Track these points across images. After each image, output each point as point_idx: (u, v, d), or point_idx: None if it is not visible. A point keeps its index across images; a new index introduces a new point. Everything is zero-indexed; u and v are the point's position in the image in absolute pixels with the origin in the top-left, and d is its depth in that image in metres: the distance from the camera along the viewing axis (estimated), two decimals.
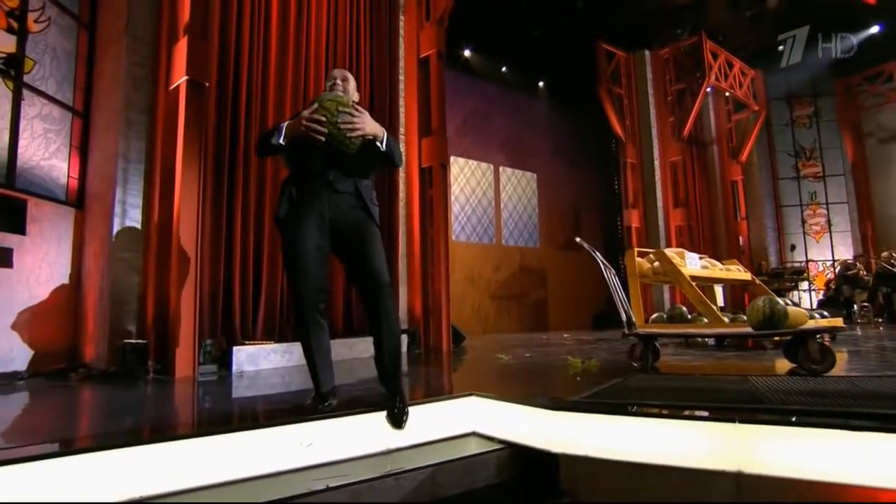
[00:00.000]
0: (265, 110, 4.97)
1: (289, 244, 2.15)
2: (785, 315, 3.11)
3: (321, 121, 2.07)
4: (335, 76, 2.38)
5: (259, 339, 4.51)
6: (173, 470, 1.92)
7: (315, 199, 2.17)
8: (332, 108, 2.10)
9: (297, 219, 2.16)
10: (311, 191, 2.18)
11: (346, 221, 2.20)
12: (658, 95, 11.27)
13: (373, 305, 2.22)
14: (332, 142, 2.10)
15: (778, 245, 13.14)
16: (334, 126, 2.08)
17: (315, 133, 2.07)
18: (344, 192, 2.21)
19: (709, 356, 4.68)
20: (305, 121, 2.08)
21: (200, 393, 3.35)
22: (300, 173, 2.22)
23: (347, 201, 2.22)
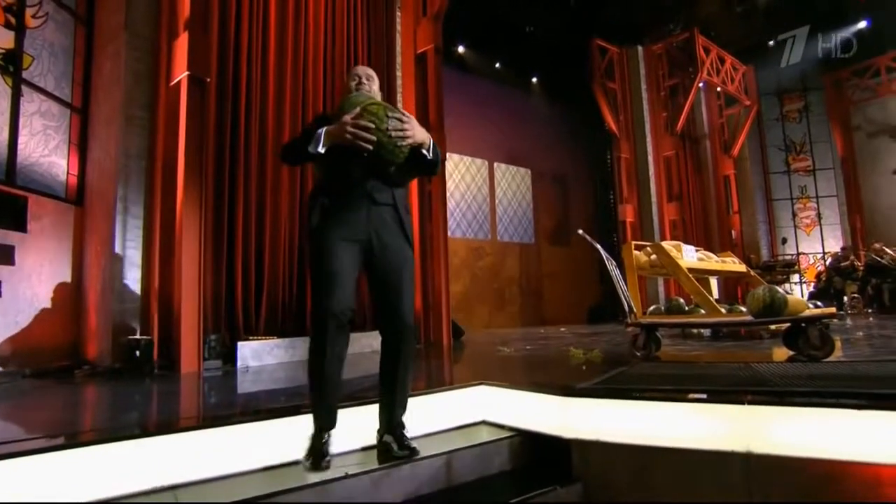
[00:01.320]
0: (265, 105, 4.97)
1: (320, 256, 1.89)
2: (785, 303, 3.18)
3: (370, 128, 1.81)
4: (359, 74, 2.14)
5: (262, 334, 4.52)
6: (198, 459, 1.94)
7: (353, 212, 1.93)
8: (381, 114, 1.84)
9: (332, 230, 1.92)
10: (347, 202, 1.94)
11: (384, 244, 1.95)
12: (651, 90, 11.36)
13: (394, 350, 1.99)
14: (380, 151, 1.85)
15: (769, 238, 13.30)
16: (384, 133, 1.83)
17: (363, 142, 1.82)
18: (383, 204, 1.98)
19: (707, 346, 4.76)
20: (351, 127, 1.81)
21: (206, 388, 3.37)
22: (336, 183, 1.95)
23: (386, 214, 1.98)
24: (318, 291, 1.89)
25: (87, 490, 1.71)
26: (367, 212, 1.93)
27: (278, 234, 4.87)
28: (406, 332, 1.98)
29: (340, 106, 1.97)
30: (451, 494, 2.15)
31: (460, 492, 2.18)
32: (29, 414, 2.75)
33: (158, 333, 3.99)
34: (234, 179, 4.69)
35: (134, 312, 4.16)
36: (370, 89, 2.10)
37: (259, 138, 4.88)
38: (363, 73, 2.15)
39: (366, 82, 2.11)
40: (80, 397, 3.12)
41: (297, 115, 5.19)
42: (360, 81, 2.11)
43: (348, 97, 2.00)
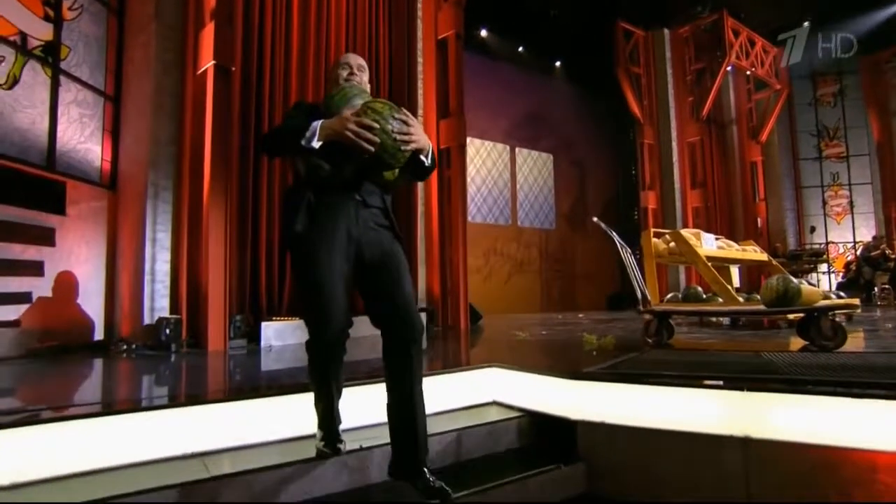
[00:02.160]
0: (287, 93, 5.08)
1: (309, 268, 1.70)
2: (798, 293, 3.19)
3: (374, 128, 1.64)
4: (350, 63, 1.94)
5: (284, 314, 4.69)
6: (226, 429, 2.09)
7: (341, 215, 1.74)
8: (386, 114, 1.67)
9: (321, 237, 1.71)
10: (335, 204, 1.75)
11: (374, 244, 1.77)
12: (677, 75, 11.14)
13: (401, 355, 1.74)
14: (381, 153, 1.67)
15: (797, 227, 13.01)
16: (388, 135, 1.66)
17: (365, 142, 1.63)
18: (373, 207, 1.81)
19: (723, 335, 4.76)
20: (354, 125, 1.63)
21: (232, 365, 3.54)
22: (324, 182, 1.76)
23: (376, 219, 1.82)
24: (311, 310, 1.72)
25: (127, 452, 1.88)
26: (356, 215, 1.76)
27: None
28: (415, 332, 1.76)
29: (332, 97, 1.81)
30: (460, 469, 2.27)
31: (469, 467, 2.30)
32: (73, 386, 2.96)
33: (187, 313, 4.19)
34: (258, 165, 4.83)
35: (164, 293, 4.36)
36: (361, 80, 1.92)
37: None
38: (354, 62, 1.95)
39: (357, 73, 1.92)
40: (117, 372, 3.33)
41: (318, 100, 5.31)
42: (351, 71, 1.92)
43: (342, 89, 1.84)
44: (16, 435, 1.73)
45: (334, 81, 1.92)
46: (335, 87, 1.88)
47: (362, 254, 1.75)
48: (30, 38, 4.15)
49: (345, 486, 1.99)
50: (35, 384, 2.98)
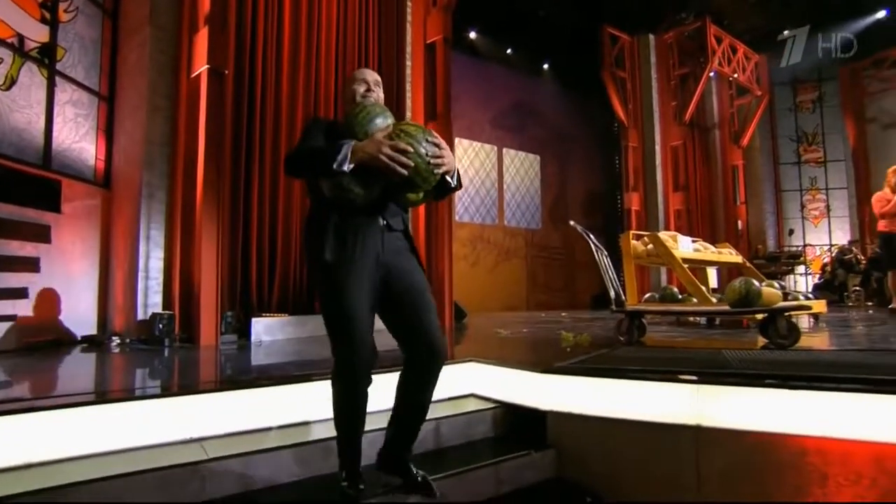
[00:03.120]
0: (279, 96, 5.23)
1: (340, 297, 1.67)
2: (759, 294, 3.41)
3: (408, 151, 1.62)
4: (367, 80, 1.91)
5: (274, 311, 4.85)
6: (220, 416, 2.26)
7: (369, 240, 1.73)
8: (419, 137, 1.66)
9: (351, 265, 1.69)
10: (362, 228, 1.73)
11: (401, 271, 1.77)
12: (661, 80, 11.39)
13: (423, 377, 1.80)
14: (415, 177, 1.65)
15: (777, 229, 13.35)
16: (422, 159, 1.64)
17: (400, 166, 1.61)
18: (396, 230, 1.81)
19: (696, 333, 4.99)
20: (388, 149, 1.60)
21: (223, 359, 3.70)
22: (349, 205, 1.71)
23: (399, 241, 1.82)
24: (341, 340, 1.70)
25: (129, 437, 2.04)
26: (381, 239, 1.75)
27: (291, 216, 5.17)
28: (440, 360, 1.78)
29: (354, 116, 1.75)
30: (439, 455, 2.46)
31: (447, 453, 2.49)
32: (71, 376, 3.10)
33: (180, 309, 4.33)
34: (250, 165, 4.97)
35: (157, 289, 4.50)
36: (378, 97, 1.90)
37: (273, 127, 5.15)
38: (371, 77, 1.92)
39: (374, 89, 1.90)
40: (113, 364, 3.47)
41: (308, 106, 5.44)
42: (368, 88, 1.89)
43: (364, 107, 1.78)
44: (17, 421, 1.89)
45: (350, 98, 1.88)
46: (355, 105, 1.82)
47: (389, 280, 1.75)
48: (27, 39, 4.26)
49: (334, 468, 2.17)
50: (33, 375, 3.11)
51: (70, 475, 1.73)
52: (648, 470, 2.33)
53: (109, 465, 1.84)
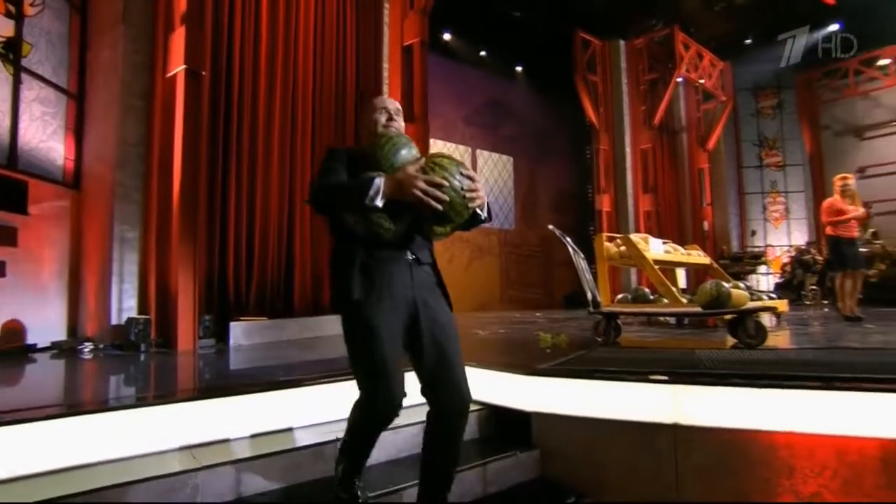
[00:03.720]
0: (256, 98, 5.17)
1: (369, 337, 1.60)
2: (728, 296, 3.57)
3: (443, 186, 1.55)
4: (389, 109, 1.84)
5: (252, 314, 4.81)
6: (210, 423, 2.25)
7: (398, 276, 1.65)
8: (453, 170, 1.60)
9: (379, 303, 1.61)
10: (390, 263, 1.66)
11: (431, 310, 1.69)
12: (631, 84, 11.67)
13: (447, 428, 1.69)
14: (449, 212, 1.58)
15: (740, 230, 13.84)
16: (457, 193, 1.57)
17: (435, 201, 1.53)
18: (425, 265, 1.74)
19: (667, 333, 5.17)
20: (423, 183, 1.53)
21: (202, 364, 3.66)
22: (376, 239, 1.64)
23: (429, 278, 1.75)
24: (370, 383, 1.63)
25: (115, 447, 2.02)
26: (410, 274, 1.68)
27: (268, 218, 5.13)
28: (465, 408, 1.69)
29: (380, 147, 1.68)
30: None
31: None
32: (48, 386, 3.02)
33: (156, 313, 4.25)
34: (227, 166, 4.91)
35: (132, 293, 4.40)
36: (399, 126, 1.84)
37: (251, 127, 5.10)
38: (392, 106, 1.85)
39: (396, 118, 1.83)
40: (87, 372, 3.40)
41: (286, 106, 5.40)
42: (390, 117, 1.82)
43: (389, 138, 1.71)
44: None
45: (371, 127, 1.82)
46: (380, 136, 1.73)
47: (418, 319, 1.66)
48: None
49: (326, 473, 2.20)
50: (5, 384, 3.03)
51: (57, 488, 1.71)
52: (629, 468, 2.42)
53: (97, 476, 1.82)
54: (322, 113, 5.74)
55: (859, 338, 4.38)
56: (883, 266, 9.81)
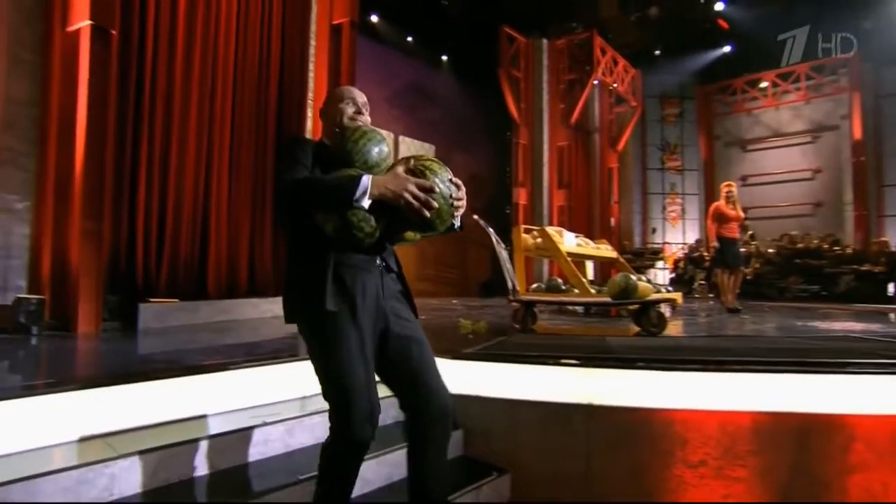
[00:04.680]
0: (172, 64, 4.82)
1: (340, 353, 1.47)
2: (635, 288, 3.89)
3: (434, 192, 1.44)
4: (356, 100, 1.73)
5: (163, 295, 4.53)
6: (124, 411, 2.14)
7: (370, 284, 1.54)
8: (443, 176, 1.50)
9: (351, 315, 1.49)
10: (360, 270, 1.54)
11: (400, 317, 1.60)
12: (552, 83, 12.12)
13: (432, 435, 1.58)
14: (434, 220, 1.48)
15: (642, 228, 14.92)
16: (445, 200, 1.48)
17: (426, 207, 1.43)
18: (393, 272, 1.66)
19: (578, 321, 5.52)
20: (414, 186, 1.42)
21: (113, 347, 3.42)
22: (348, 244, 1.49)
23: (397, 286, 1.66)
24: (341, 412, 1.47)
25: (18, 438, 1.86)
26: (381, 283, 1.58)
27: (182, 194, 4.81)
28: (450, 410, 1.60)
29: (354, 141, 1.57)
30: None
31: None
32: None
33: (51, 293, 3.89)
34: (138, 137, 4.55)
35: (20, 270, 3.99)
36: (367, 121, 1.72)
37: (166, 96, 4.75)
38: (360, 98, 1.74)
39: (364, 111, 1.72)
40: None
41: (206, 76, 5.08)
42: (358, 110, 1.70)
43: (363, 132, 1.60)
44: None
45: (336, 118, 1.68)
46: (354, 129, 1.61)
47: (388, 331, 1.56)
48: None
49: (251, 457, 2.17)
50: None
51: None
52: (546, 444, 2.61)
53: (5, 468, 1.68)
54: (244, 85, 5.46)
55: (737, 327, 4.96)
56: (758, 265, 11.06)
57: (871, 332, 4.49)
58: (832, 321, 5.52)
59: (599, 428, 2.54)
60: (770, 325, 5.23)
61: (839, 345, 3.57)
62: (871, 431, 2.46)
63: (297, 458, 2.32)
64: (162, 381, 2.33)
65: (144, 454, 1.88)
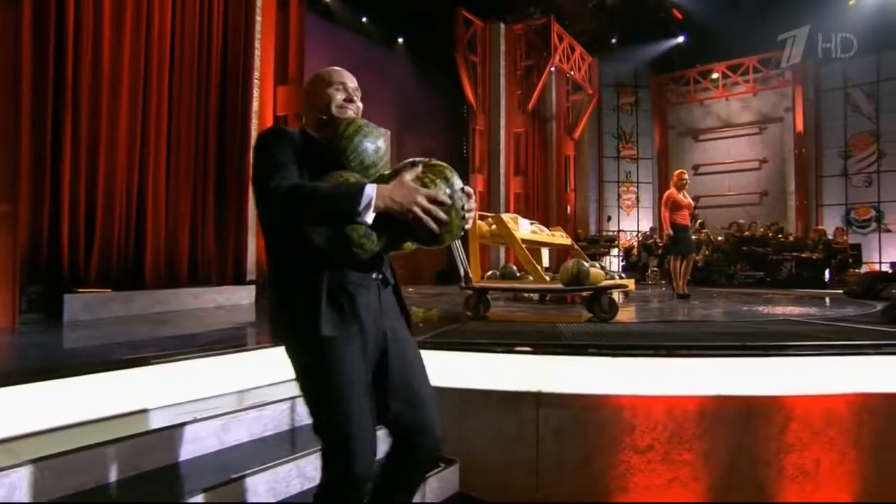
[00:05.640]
0: (100, 36, 4.44)
1: (344, 387, 1.32)
2: (587, 274, 3.88)
3: (446, 204, 1.27)
4: (347, 85, 1.52)
5: (93, 286, 4.22)
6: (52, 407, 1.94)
7: (369, 302, 1.39)
8: (457, 186, 1.31)
9: (349, 338, 1.34)
10: (357, 286, 1.37)
11: (399, 339, 1.46)
12: (509, 68, 12.05)
13: (413, 467, 1.48)
14: (444, 234, 1.30)
15: (598, 215, 15.17)
16: (458, 213, 1.30)
17: (437, 222, 1.25)
18: (390, 285, 1.50)
19: (531, 308, 5.52)
20: (425, 199, 1.24)
21: (32, 341, 3.15)
22: (344, 258, 1.32)
23: (391, 298, 1.50)
24: (337, 447, 1.33)
25: None
26: (379, 299, 1.43)
27: (114, 176, 4.47)
28: (436, 448, 1.47)
29: (346, 136, 1.37)
30: (296, 432, 2.44)
31: (305, 430, 2.47)
32: None
33: None
34: (60, 113, 4.16)
35: None
36: (359, 108, 1.53)
37: (92, 70, 4.39)
38: (351, 83, 1.54)
39: (355, 98, 1.52)
40: None
41: (138, 50, 4.71)
42: (348, 97, 1.50)
43: (359, 127, 1.40)
44: None
45: (323, 105, 1.47)
46: (344, 121, 1.42)
47: (387, 353, 1.42)
48: None
49: (180, 457, 2.02)
50: None
51: None
52: (496, 432, 2.55)
53: None
54: (182, 61, 5.12)
55: (687, 312, 5.07)
56: (707, 252, 11.43)
57: (809, 315, 4.67)
58: (774, 306, 5.72)
59: (549, 415, 2.50)
60: (718, 310, 5.37)
61: (780, 328, 3.67)
62: (806, 411, 2.53)
63: (231, 455, 2.19)
64: (82, 378, 2.13)
65: (50, 460, 1.70)
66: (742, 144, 14.12)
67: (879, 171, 12.50)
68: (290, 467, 2.15)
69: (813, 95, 13.09)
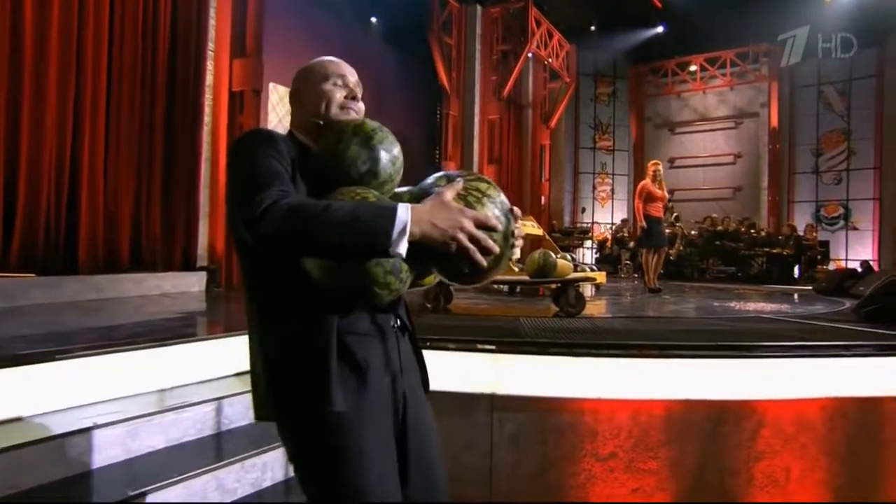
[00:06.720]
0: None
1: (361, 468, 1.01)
2: (554, 266, 3.68)
3: (496, 230, 0.95)
4: (349, 79, 1.23)
5: (14, 270, 3.84)
6: None
7: (388, 357, 1.09)
8: (503, 204, 1.01)
9: (368, 413, 1.04)
10: (374, 341, 1.08)
11: (417, 400, 1.18)
12: (484, 53, 11.75)
13: None
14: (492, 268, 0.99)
15: (572, 207, 15.05)
16: (507, 242, 0.99)
17: (483, 253, 0.93)
18: (408, 331, 1.21)
19: (497, 300, 5.30)
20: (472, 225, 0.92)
21: None
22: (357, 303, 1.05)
23: (409, 346, 1.20)
24: None
25: None
26: (398, 350, 1.12)
27: (41, 152, 4.06)
28: None
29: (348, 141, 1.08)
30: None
31: (231, 435, 2.21)
32: None
33: None
34: None
35: None
36: (363, 106, 1.24)
37: (11, 39, 3.97)
38: (352, 76, 1.25)
39: (357, 93, 1.24)
40: None
41: (70, 14, 4.28)
42: (351, 94, 1.22)
43: (368, 130, 1.12)
44: None
45: (319, 106, 1.17)
46: (346, 124, 1.13)
47: (405, 419, 1.12)
48: None
49: (72, 471, 1.74)
50: None
51: None
52: (445, 438, 2.31)
53: None
54: (124, 29, 4.69)
55: (657, 307, 4.93)
56: (681, 247, 11.41)
57: (781, 312, 4.57)
58: (746, 302, 5.62)
59: (504, 420, 2.29)
60: (689, 305, 5.25)
61: (752, 326, 3.53)
62: (777, 417, 2.38)
63: (139, 466, 1.92)
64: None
65: None
66: (718, 138, 14.12)
67: (849, 168, 12.63)
68: (206, 479, 1.90)
69: (788, 92, 13.13)
